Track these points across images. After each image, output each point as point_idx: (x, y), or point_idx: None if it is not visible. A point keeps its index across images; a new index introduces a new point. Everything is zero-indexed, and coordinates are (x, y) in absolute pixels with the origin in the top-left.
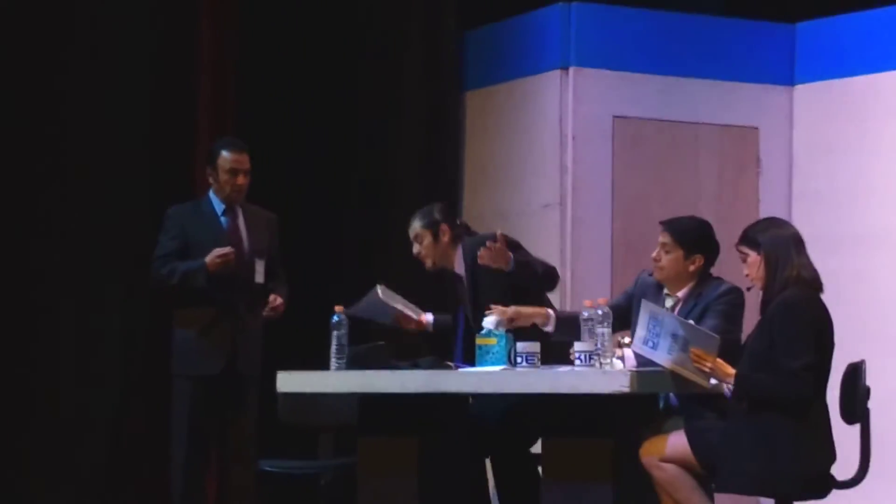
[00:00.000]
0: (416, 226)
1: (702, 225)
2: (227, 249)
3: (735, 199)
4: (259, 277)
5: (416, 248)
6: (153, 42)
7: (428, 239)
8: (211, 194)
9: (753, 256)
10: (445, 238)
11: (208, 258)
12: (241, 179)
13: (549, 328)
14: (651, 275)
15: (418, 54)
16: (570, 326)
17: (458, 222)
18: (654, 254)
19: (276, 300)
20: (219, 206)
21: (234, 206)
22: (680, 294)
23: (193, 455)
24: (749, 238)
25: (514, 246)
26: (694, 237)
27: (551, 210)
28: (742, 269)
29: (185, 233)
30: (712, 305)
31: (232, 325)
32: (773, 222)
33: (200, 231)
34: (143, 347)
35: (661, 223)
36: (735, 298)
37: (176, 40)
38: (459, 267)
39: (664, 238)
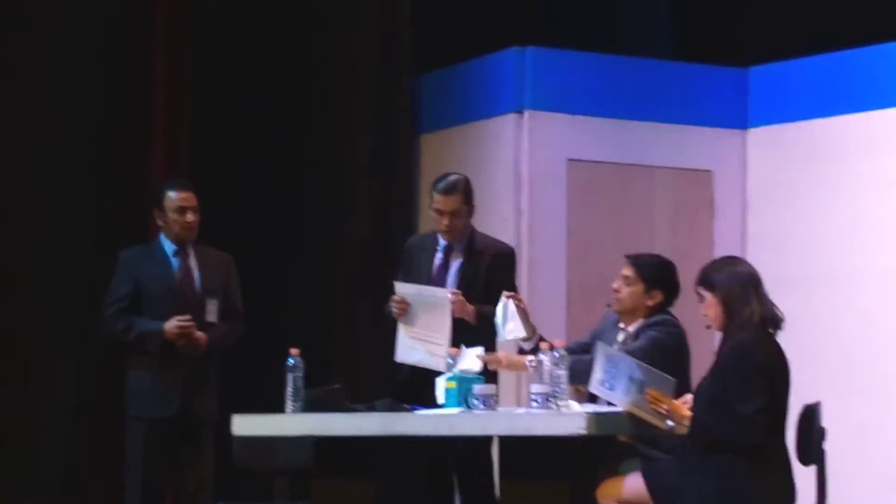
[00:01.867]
0: (457, 197)
1: (665, 263)
2: (187, 320)
3: (690, 241)
4: (211, 317)
5: (457, 221)
6: (104, 73)
7: (466, 211)
8: (161, 237)
9: (710, 298)
10: (473, 213)
11: (167, 325)
12: (189, 216)
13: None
14: (609, 305)
15: (368, 97)
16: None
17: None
18: (614, 284)
19: (195, 334)
20: (170, 248)
21: (185, 247)
22: (631, 328)
23: (148, 499)
24: (705, 279)
25: (504, 263)
26: (656, 273)
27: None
28: (700, 311)
29: (135, 276)
30: (645, 331)
31: (185, 367)
32: (730, 261)
33: (151, 273)
34: (97, 390)
35: (627, 256)
36: (668, 329)
37: (129, 70)
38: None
39: (627, 271)
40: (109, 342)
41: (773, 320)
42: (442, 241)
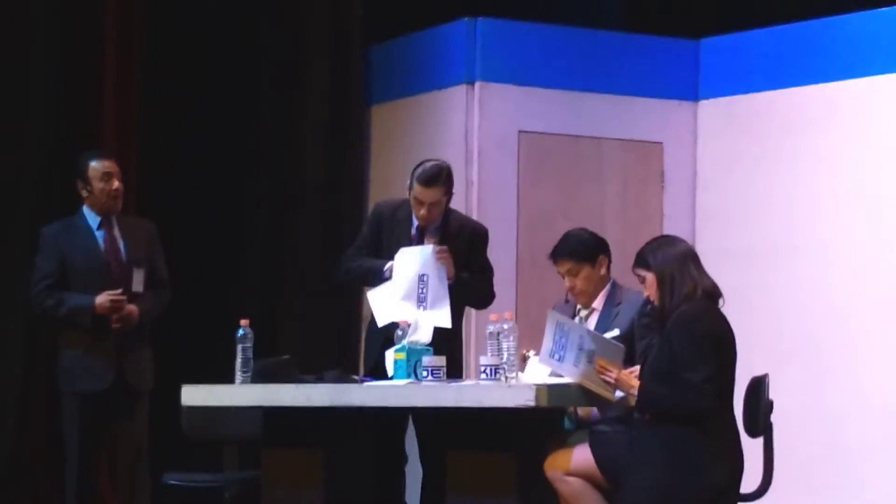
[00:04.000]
0: (438, 189)
1: (581, 232)
2: (118, 295)
3: (640, 213)
4: (137, 286)
5: (434, 210)
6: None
7: (445, 200)
8: (84, 209)
9: (649, 277)
10: (449, 201)
11: (98, 299)
12: (115, 184)
13: None
14: (568, 301)
15: (322, 69)
16: None
17: None
18: (566, 286)
19: (126, 307)
20: (94, 221)
21: (109, 218)
22: (595, 304)
23: (84, 471)
24: (642, 260)
25: (481, 243)
26: (587, 246)
27: None
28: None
29: (61, 252)
30: (644, 323)
31: (117, 339)
32: (664, 241)
33: (76, 248)
34: (40, 366)
35: (552, 256)
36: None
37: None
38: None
39: (564, 266)
40: (40, 319)
41: (714, 293)
42: (416, 220)
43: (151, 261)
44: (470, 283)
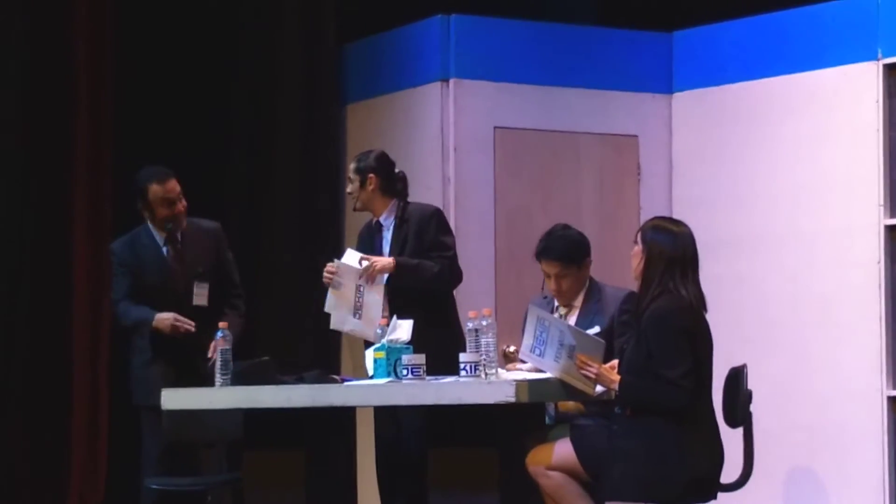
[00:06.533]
0: (350, 167)
1: (567, 233)
2: (183, 323)
3: (617, 206)
4: (200, 300)
5: (348, 187)
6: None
7: (356, 184)
8: (149, 226)
9: (637, 250)
10: (371, 187)
11: (161, 317)
12: (179, 207)
13: None
14: (546, 297)
15: (296, 68)
16: None
17: (396, 173)
18: (550, 287)
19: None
20: (159, 237)
21: (174, 233)
22: (575, 301)
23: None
24: (643, 234)
25: (429, 223)
26: (575, 249)
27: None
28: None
29: (131, 270)
30: (623, 320)
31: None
32: (672, 232)
33: (147, 264)
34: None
35: (539, 255)
36: (634, 306)
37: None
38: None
39: (553, 268)
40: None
41: (700, 302)
42: (377, 219)
43: (221, 269)
44: (410, 266)
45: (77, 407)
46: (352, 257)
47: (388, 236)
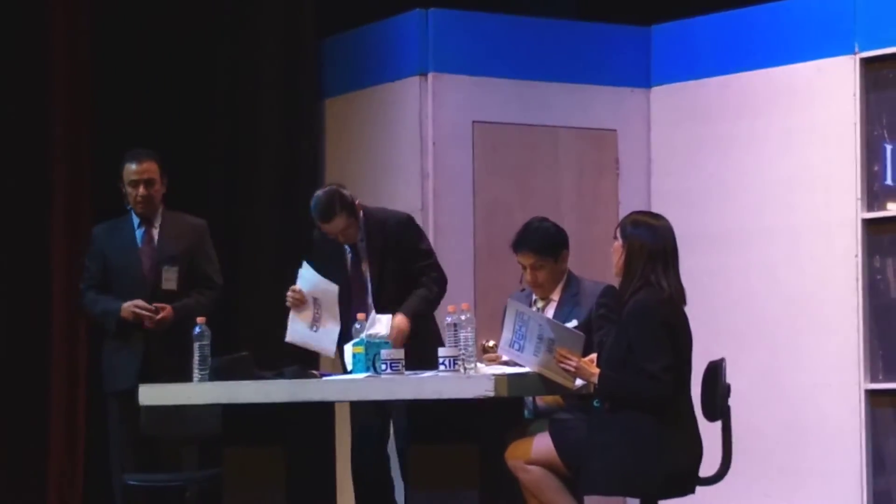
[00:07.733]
0: (340, 219)
1: (545, 224)
2: (145, 308)
3: (595, 200)
4: (169, 284)
5: (339, 238)
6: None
7: (353, 221)
8: (131, 210)
9: (617, 245)
10: (361, 213)
11: (126, 306)
12: (142, 190)
13: None
14: (524, 290)
15: (275, 62)
16: None
17: (350, 197)
18: (526, 279)
19: (160, 311)
20: (136, 220)
21: (149, 218)
22: (553, 295)
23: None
24: (622, 229)
25: (407, 232)
26: (552, 241)
27: (413, 216)
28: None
29: (104, 253)
30: (601, 314)
31: (143, 338)
32: (651, 226)
33: (117, 248)
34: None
35: (514, 246)
36: (612, 300)
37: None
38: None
39: (528, 259)
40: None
41: (681, 295)
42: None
43: (192, 259)
44: (420, 310)
45: (55, 407)
46: (309, 273)
47: (362, 247)
